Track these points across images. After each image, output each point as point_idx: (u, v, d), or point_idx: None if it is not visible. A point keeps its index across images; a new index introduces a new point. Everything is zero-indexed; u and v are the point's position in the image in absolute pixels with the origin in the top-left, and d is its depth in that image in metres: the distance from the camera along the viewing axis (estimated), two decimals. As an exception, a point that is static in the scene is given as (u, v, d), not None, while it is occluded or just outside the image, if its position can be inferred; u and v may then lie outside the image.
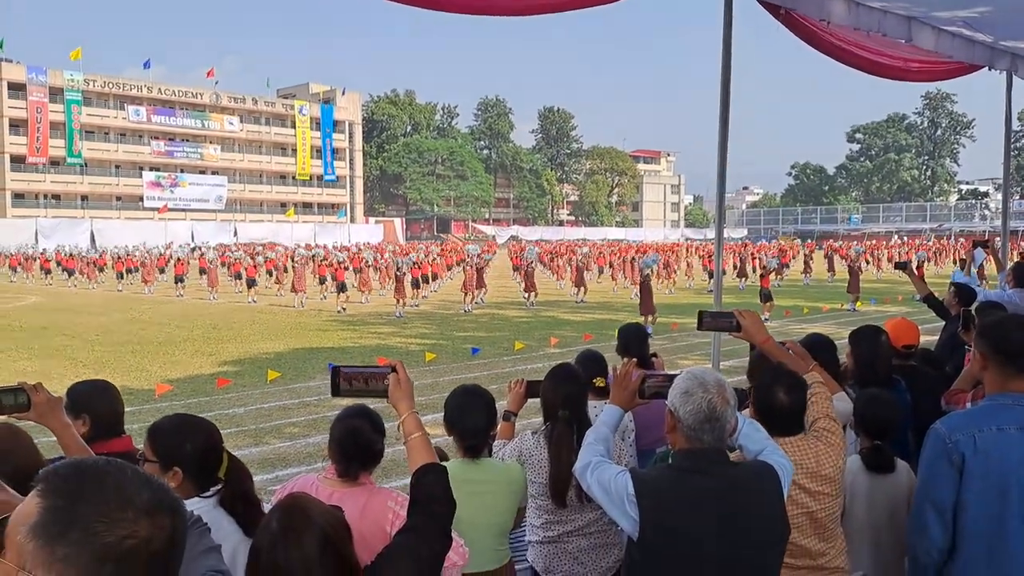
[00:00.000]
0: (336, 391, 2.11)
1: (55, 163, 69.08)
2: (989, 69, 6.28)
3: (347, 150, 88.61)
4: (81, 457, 1.13)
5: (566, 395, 3.22)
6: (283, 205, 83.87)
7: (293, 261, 27.90)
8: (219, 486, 2.17)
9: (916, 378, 4.06)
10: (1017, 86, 6.89)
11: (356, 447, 2.49)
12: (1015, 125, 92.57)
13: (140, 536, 1.01)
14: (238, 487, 2.18)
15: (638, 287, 21.05)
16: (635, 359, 2.96)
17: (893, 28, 5.17)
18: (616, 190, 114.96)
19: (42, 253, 44.72)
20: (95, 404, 2.92)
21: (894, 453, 3.14)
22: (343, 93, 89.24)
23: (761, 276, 22.94)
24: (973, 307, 5.01)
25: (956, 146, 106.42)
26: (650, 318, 18.54)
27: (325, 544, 1.64)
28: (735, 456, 2.29)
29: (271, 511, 1.75)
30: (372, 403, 2.45)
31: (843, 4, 4.65)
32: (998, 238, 7.70)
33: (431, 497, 1.92)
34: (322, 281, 27.53)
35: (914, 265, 7.59)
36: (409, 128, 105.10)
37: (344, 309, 23.00)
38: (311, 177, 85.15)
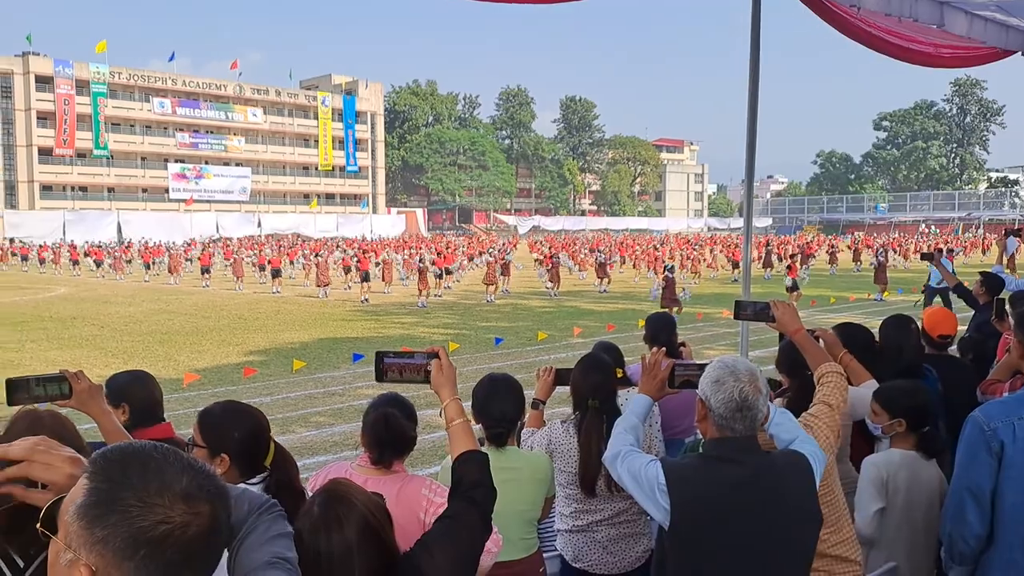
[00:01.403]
0: (380, 377, 2.12)
1: (81, 155, 69.91)
2: (1023, 54, 6.16)
3: (369, 141, 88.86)
4: (130, 442, 1.14)
5: (596, 384, 3.22)
6: (306, 196, 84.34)
7: (317, 255, 28.09)
8: (265, 473, 2.19)
9: (950, 368, 4.01)
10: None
11: (389, 434, 2.51)
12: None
13: (175, 521, 1.02)
14: (283, 475, 2.21)
15: (662, 279, 20.95)
16: (664, 348, 2.95)
17: (925, 13, 5.08)
18: (638, 179, 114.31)
19: (71, 244, 45.36)
20: (134, 393, 2.98)
21: (938, 438, 3.11)
22: (366, 85, 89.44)
23: (787, 267, 22.79)
24: (1006, 296, 4.95)
25: (986, 133, 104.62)
26: (675, 309, 18.44)
27: (366, 530, 1.66)
28: (766, 445, 2.27)
29: (312, 496, 1.76)
30: (408, 390, 2.46)
31: (875, -11, 4.58)
32: (1031, 226, 7.58)
33: (472, 483, 1.92)
34: (347, 271, 27.70)
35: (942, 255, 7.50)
36: (431, 119, 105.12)
37: (367, 300, 23.11)
38: (333, 168, 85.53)
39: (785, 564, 2.12)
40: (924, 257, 8.05)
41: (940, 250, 7.19)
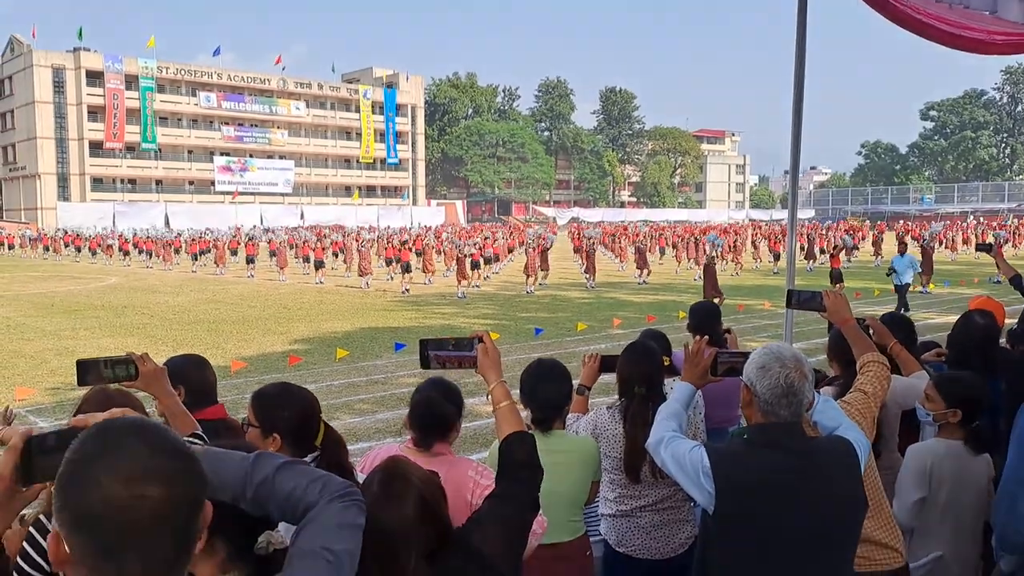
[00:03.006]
0: (425, 363, 2.17)
1: (131, 149, 71.52)
2: (1080, 40, 5.99)
3: (409, 133, 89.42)
4: (117, 418, 1.17)
5: (643, 372, 3.24)
6: (348, 189, 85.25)
7: (360, 245, 28.42)
8: (316, 453, 2.27)
9: (1010, 362, 3.95)
10: (1110, 57, 6.56)
11: (430, 416, 2.57)
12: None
13: (114, 502, 1.01)
14: (333, 456, 2.28)
15: (702, 269, 20.77)
16: (707, 336, 2.97)
17: (977, 0, 4.99)
18: (679, 171, 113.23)
19: (120, 235, 46.48)
20: (189, 375, 3.09)
21: (988, 435, 3.08)
22: (406, 77, 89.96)
23: (831, 256, 22.46)
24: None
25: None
26: (717, 300, 18.29)
27: (424, 506, 1.72)
28: (811, 432, 2.29)
29: (372, 473, 1.83)
30: (457, 378, 2.52)
31: (924, -25, 4.51)
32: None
33: (519, 464, 1.97)
34: (388, 263, 27.97)
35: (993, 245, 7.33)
36: (471, 111, 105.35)
37: (408, 290, 23.33)
38: (374, 161, 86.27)
39: (830, 549, 2.14)
40: (980, 248, 7.81)
41: (992, 243, 7.00)
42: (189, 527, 1.09)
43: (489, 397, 2.16)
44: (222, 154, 76.76)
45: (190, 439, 2.38)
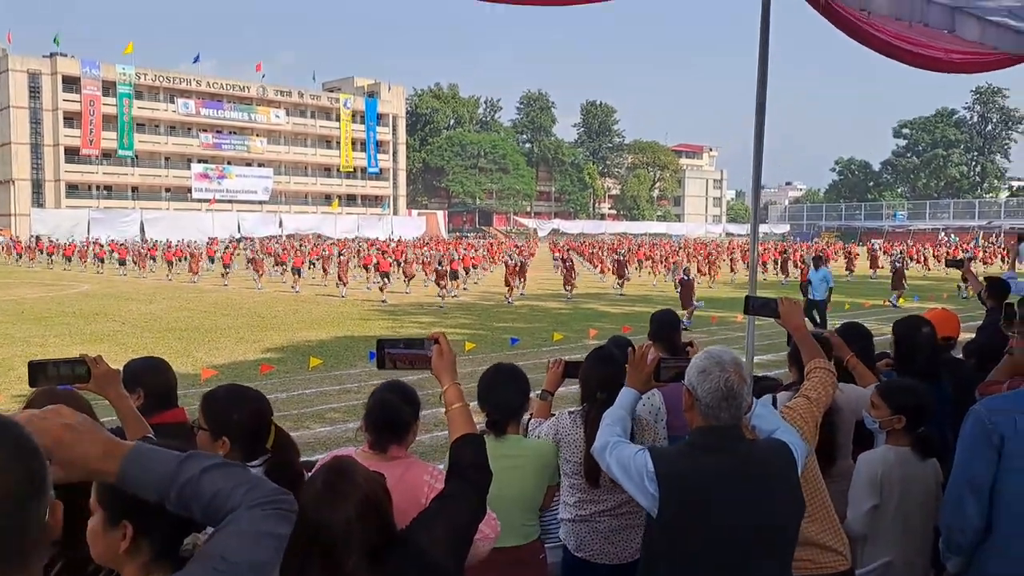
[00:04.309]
0: (381, 364, 2.19)
1: (107, 155, 70.79)
2: (1037, 60, 6.15)
3: (391, 143, 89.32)
4: None
5: (605, 377, 3.26)
6: (327, 197, 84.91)
7: (340, 254, 28.37)
8: (266, 456, 2.27)
9: (957, 370, 4.04)
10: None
11: (386, 419, 2.57)
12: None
13: None
14: (284, 458, 2.29)
15: (678, 282, 20.92)
16: (651, 343, 3.01)
17: (936, 18, 5.10)
18: (658, 184, 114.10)
19: (95, 242, 45.97)
20: (149, 378, 3.08)
21: (936, 438, 3.14)
22: (388, 87, 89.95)
23: (802, 272, 22.74)
24: (1016, 301, 4.95)
25: (1007, 142, 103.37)
26: (685, 313, 18.37)
27: (366, 505, 1.73)
28: (749, 435, 2.33)
29: (316, 471, 1.85)
30: (417, 379, 2.53)
31: (885, -7, 4.61)
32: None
33: (468, 465, 2.00)
34: (367, 269, 27.91)
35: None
36: (452, 122, 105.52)
37: (386, 300, 23.28)
38: (355, 170, 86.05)
39: (771, 549, 2.18)
40: (951, 264, 7.98)
41: (962, 259, 7.18)
42: (11, 524, 1.02)
43: (443, 399, 2.19)
44: (200, 161, 76.20)
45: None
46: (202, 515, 1.34)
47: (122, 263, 37.70)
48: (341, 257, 27.04)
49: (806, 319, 3.42)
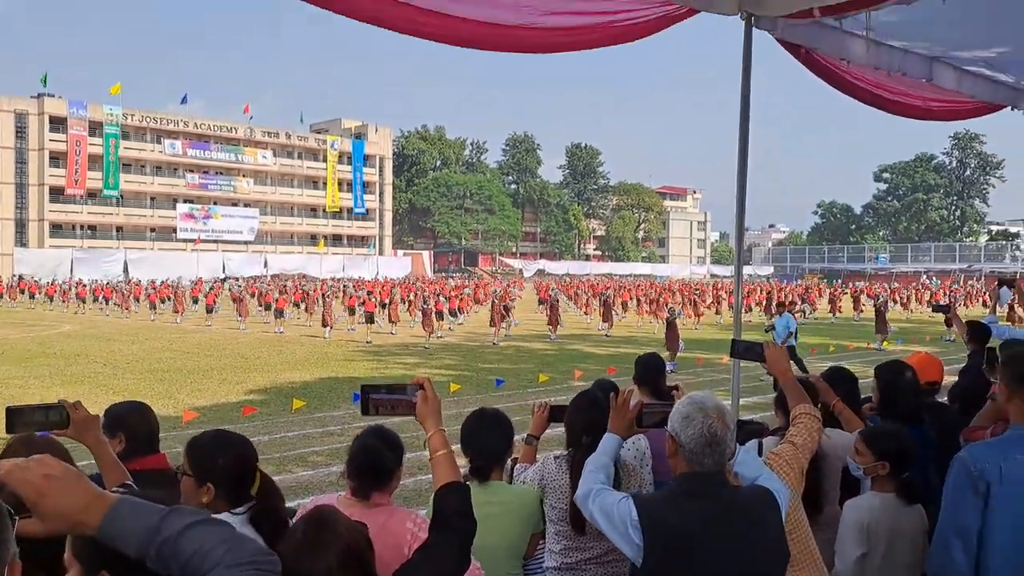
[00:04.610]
0: (365, 410, 2.17)
1: (92, 195, 70.61)
2: (1012, 109, 6.29)
3: (377, 184, 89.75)
4: None
5: (590, 422, 3.23)
6: (313, 237, 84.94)
7: (324, 295, 28.26)
8: (251, 503, 2.23)
9: (941, 415, 4.04)
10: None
11: (369, 465, 2.54)
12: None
13: None
14: (269, 504, 2.24)
15: (664, 323, 20.95)
16: (633, 388, 3.00)
17: (914, 68, 5.22)
18: (642, 226, 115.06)
19: (79, 282, 45.67)
20: (130, 423, 3.03)
21: (920, 484, 3.13)
22: (375, 129, 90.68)
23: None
24: (997, 344, 4.99)
25: (985, 186, 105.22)
26: (668, 354, 18.34)
27: (347, 555, 1.70)
28: (733, 481, 2.32)
29: (297, 521, 1.81)
30: (400, 422, 2.50)
31: (863, 43, 4.71)
32: (1025, 277, 7.65)
33: (452, 514, 1.97)
34: (351, 312, 27.83)
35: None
36: (439, 163, 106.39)
37: (371, 341, 23.17)
38: (341, 210, 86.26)
39: None
40: (937, 309, 8.13)
41: (948, 304, 7.34)
42: None
43: (427, 445, 2.16)
44: (186, 201, 76.17)
45: (119, 489, 2.33)
46: (180, 574, 1.29)
47: (106, 301, 37.43)
48: (327, 297, 26.94)
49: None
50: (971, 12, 4.24)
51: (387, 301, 29.95)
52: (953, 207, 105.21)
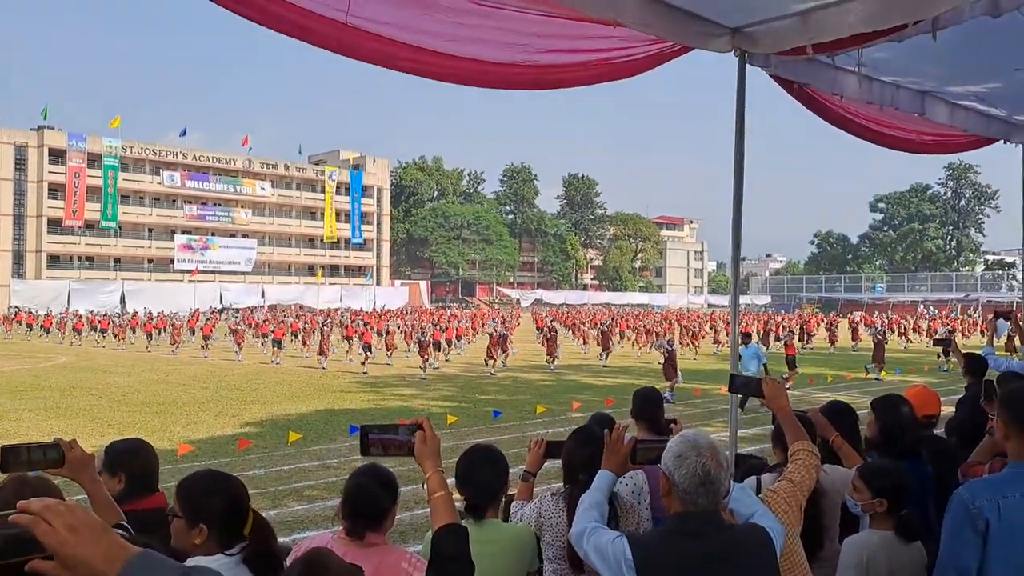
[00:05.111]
0: (365, 450, 2.16)
1: (90, 226, 70.76)
2: (1004, 142, 6.36)
3: (375, 214, 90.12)
4: None
5: (587, 458, 3.21)
6: (311, 268, 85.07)
7: (322, 325, 28.21)
8: (244, 543, 2.21)
9: (938, 449, 4.02)
10: (1034, 159, 6.92)
11: (363, 505, 2.51)
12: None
13: None
14: (262, 545, 2.22)
15: (662, 354, 20.92)
16: (626, 424, 2.99)
17: (906, 102, 5.29)
18: (639, 255, 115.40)
19: (75, 313, 45.60)
20: (131, 462, 3.00)
21: (919, 521, 3.11)
22: (373, 160, 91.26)
23: (785, 344, 22.79)
24: (995, 377, 4.98)
25: (981, 216, 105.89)
26: (668, 385, 18.27)
27: None
28: (727, 519, 2.30)
29: (292, 563, 1.80)
30: (396, 462, 2.49)
31: (855, 78, 4.78)
32: None
33: (449, 557, 1.95)
34: (348, 340, 27.80)
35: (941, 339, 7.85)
36: (436, 193, 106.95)
37: (367, 372, 23.09)
38: (339, 240, 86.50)
39: None
40: (938, 343, 8.18)
41: (948, 339, 7.39)
42: None
43: (425, 486, 2.15)
44: (184, 232, 76.38)
45: (115, 530, 2.31)
46: None
47: (103, 332, 37.33)
48: (325, 328, 26.90)
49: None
50: (961, 49, 4.30)
51: (383, 331, 29.91)
52: (949, 237, 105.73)
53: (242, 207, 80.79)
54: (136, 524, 2.44)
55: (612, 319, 40.33)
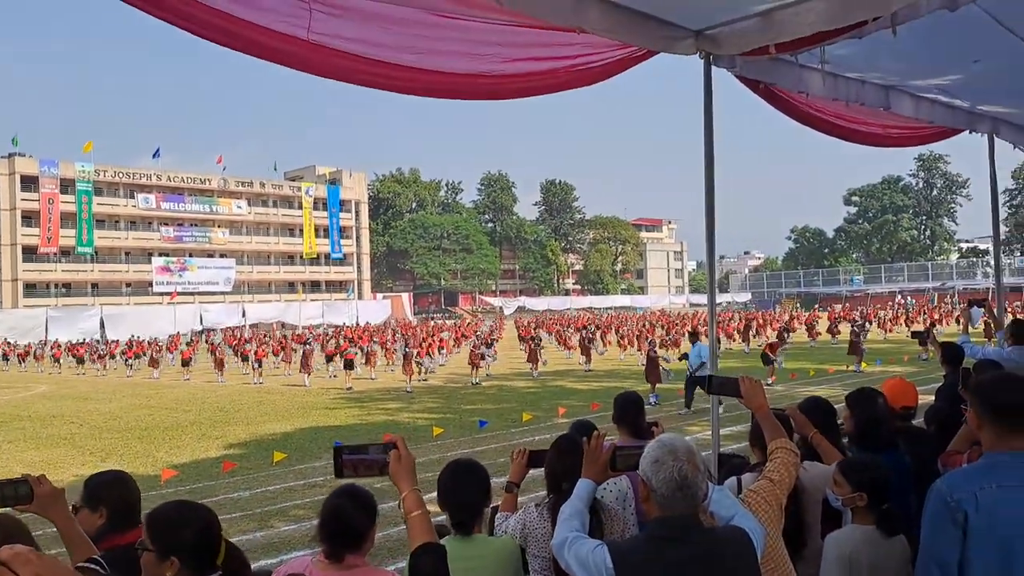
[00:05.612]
0: (339, 472, 2.14)
1: (65, 252, 70.04)
2: (970, 132, 6.44)
3: (354, 228, 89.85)
4: None
5: (570, 466, 3.19)
6: (291, 285, 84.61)
7: (305, 344, 28.00)
8: (217, 574, 2.17)
9: (918, 440, 4.04)
10: (1001, 147, 7.03)
11: (341, 527, 2.46)
12: (1010, 183, 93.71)
13: None
14: (236, 575, 2.18)
15: (646, 356, 20.96)
16: (604, 431, 2.98)
17: (871, 97, 5.34)
18: (620, 258, 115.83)
19: (54, 343, 45.06)
20: (112, 496, 2.93)
21: (900, 515, 3.12)
22: (349, 174, 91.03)
23: (769, 344, 22.87)
24: (971, 365, 5.03)
25: (953, 205, 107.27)
26: (651, 387, 18.29)
27: None
28: (707, 522, 2.30)
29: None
30: (371, 482, 2.46)
31: (819, 76, 4.81)
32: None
33: None
34: (329, 360, 27.62)
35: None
36: (415, 205, 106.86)
37: (352, 387, 22.96)
38: (318, 256, 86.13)
39: None
40: (916, 336, 8.24)
41: (926, 331, 7.43)
42: None
43: (401, 506, 2.13)
44: (161, 254, 75.75)
45: (85, 565, 2.27)
46: None
47: (80, 361, 36.90)
48: (307, 346, 26.74)
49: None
50: (921, 43, 4.35)
51: (367, 348, 29.81)
52: (923, 227, 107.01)
53: (219, 227, 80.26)
54: (120, 560, 2.38)
55: (596, 327, 40.38)
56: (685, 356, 17.64)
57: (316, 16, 3.03)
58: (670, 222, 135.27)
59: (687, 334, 20.12)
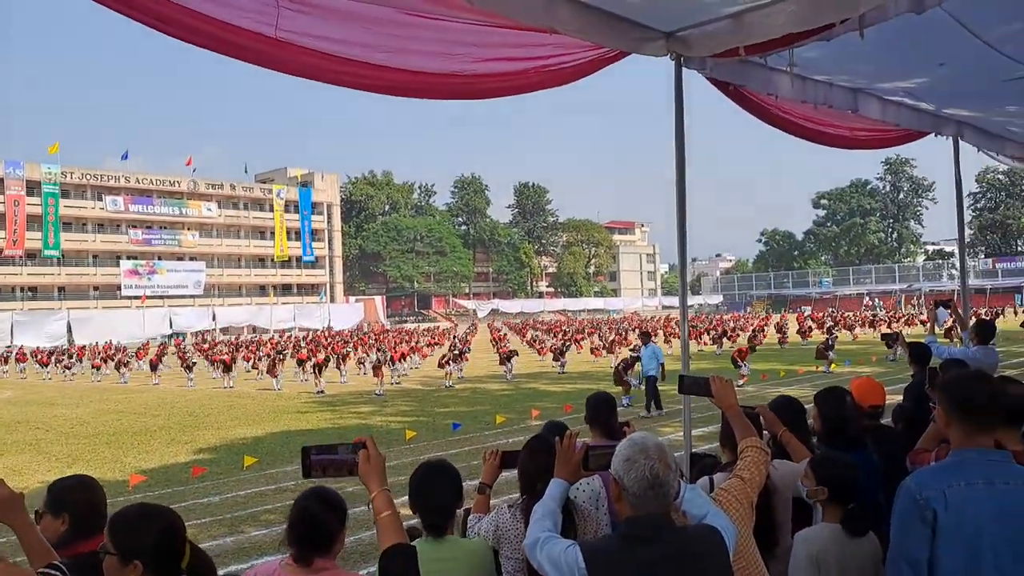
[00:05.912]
0: (307, 473, 2.11)
1: (31, 256, 68.79)
2: (936, 135, 6.54)
3: (326, 231, 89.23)
4: None
5: (543, 467, 3.18)
6: (262, 288, 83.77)
7: (277, 350, 27.73)
8: None
9: (885, 438, 4.09)
10: (966, 150, 7.16)
11: (309, 530, 2.42)
12: (974, 187, 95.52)
13: None
14: None
15: (618, 359, 21.07)
16: (576, 431, 2.97)
17: (839, 100, 5.40)
18: (593, 261, 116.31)
19: (19, 349, 44.23)
20: (75, 501, 2.85)
21: (867, 515, 3.14)
22: (321, 176, 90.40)
23: (738, 350, 23.03)
24: (938, 364, 5.10)
25: (919, 208, 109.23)
26: (620, 389, 18.30)
27: None
28: (679, 521, 2.30)
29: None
30: (341, 485, 2.43)
31: (788, 78, 4.85)
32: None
33: None
34: (300, 364, 27.39)
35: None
36: (387, 207, 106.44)
37: (323, 391, 22.78)
38: (290, 259, 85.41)
39: None
40: (886, 338, 8.35)
41: (896, 333, 7.58)
42: None
43: (371, 507, 2.10)
44: (129, 258, 74.64)
45: (46, 571, 2.21)
46: None
47: (44, 367, 36.27)
48: (280, 355, 26.47)
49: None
50: (888, 46, 4.40)
51: (341, 354, 29.59)
52: (890, 229, 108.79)
53: (189, 229, 79.30)
54: (84, 566, 2.32)
55: (570, 335, 40.40)
56: (638, 359, 17.48)
57: (284, 13, 2.99)
58: (643, 225, 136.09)
59: (639, 334, 19.90)
